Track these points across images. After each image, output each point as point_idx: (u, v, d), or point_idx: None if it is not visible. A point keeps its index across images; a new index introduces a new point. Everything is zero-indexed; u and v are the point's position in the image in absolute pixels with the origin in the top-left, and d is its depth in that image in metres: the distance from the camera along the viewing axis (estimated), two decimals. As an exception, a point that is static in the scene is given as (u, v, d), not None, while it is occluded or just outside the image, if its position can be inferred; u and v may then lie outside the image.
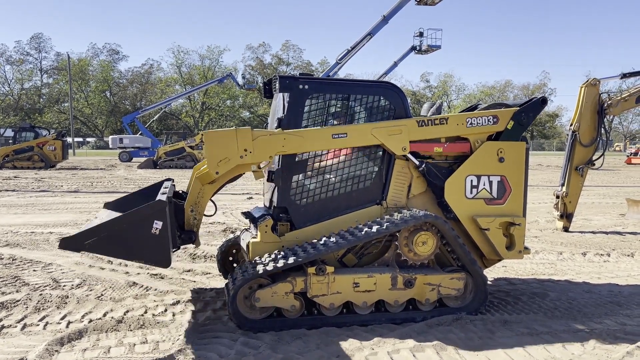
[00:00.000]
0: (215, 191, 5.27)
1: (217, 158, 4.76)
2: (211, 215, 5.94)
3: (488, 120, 5.21)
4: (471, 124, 5.17)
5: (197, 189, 5.13)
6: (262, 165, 4.90)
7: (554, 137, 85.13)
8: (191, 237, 5.12)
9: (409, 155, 5.08)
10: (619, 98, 9.60)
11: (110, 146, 44.46)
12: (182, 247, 5.24)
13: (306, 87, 4.90)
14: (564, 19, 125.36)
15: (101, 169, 30.46)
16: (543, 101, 5.34)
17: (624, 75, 10.48)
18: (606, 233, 9.95)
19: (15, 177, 23.17)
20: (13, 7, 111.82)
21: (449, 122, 5.15)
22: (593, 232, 9.99)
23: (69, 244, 4.29)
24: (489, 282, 5.58)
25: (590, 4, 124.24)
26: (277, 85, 4.92)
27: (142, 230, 4.31)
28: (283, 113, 4.93)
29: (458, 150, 5.21)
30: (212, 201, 5.47)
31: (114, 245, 4.33)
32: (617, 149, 78.58)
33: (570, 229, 10.02)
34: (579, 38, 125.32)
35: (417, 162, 5.09)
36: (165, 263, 4.42)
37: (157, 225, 4.35)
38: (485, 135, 5.23)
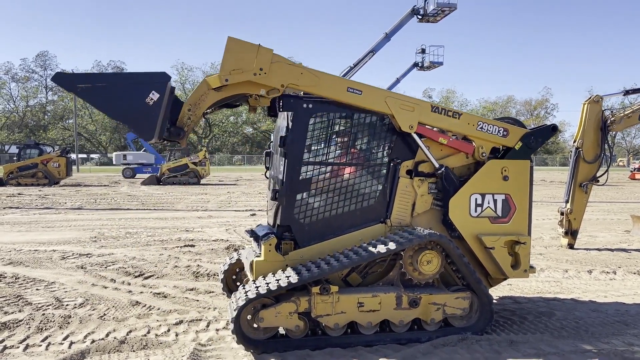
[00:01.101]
0: (216, 102, 4.99)
1: (232, 66, 4.68)
2: (206, 137, 5.65)
3: (498, 131, 5.21)
4: (481, 128, 5.16)
5: (202, 91, 4.88)
6: (269, 95, 4.82)
7: (557, 152, 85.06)
8: (179, 133, 4.87)
9: (414, 135, 5.05)
10: (622, 115, 9.60)
11: (114, 163, 44.65)
12: (167, 141, 5.00)
13: (310, 106, 4.92)
14: (565, 35, 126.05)
15: (104, 185, 30.53)
16: (554, 128, 5.40)
17: (627, 92, 10.49)
18: (612, 250, 9.88)
19: (19, 194, 23.23)
20: (19, 25, 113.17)
21: (461, 118, 5.15)
22: (598, 249, 9.93)
23: (63, 79, 4.26)
24: (494, 301, 5.53)
25: (591, 19, 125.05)
26: (281, 104, 4.95)
27: (138, 95, 4.26)
28: (287, 131, 4.94)
29: (460, 148, 5.19)
30: (205, 118, 5.31)
31: (106, 99, 4.28)
32: (621, 164, 78.37)
33: (575, 246, 9.95)
34: (580, 53, 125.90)
35: (437, 165, 5.08)
36: (148, 135, 4.37)
37: (154, 96, 4.31)
38: (490, 145, 5.22)
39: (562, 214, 9.93)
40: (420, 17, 28.20)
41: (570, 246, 9.91)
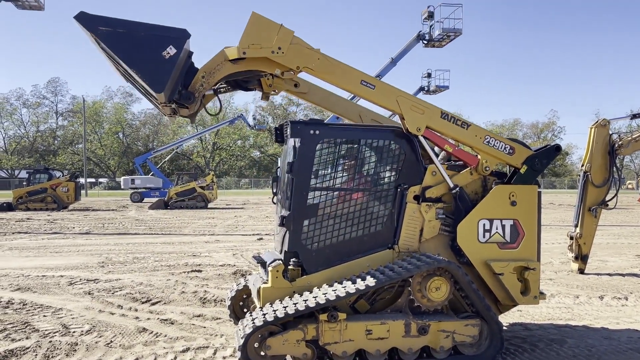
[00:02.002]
0: (230, 74, 4.98)
1: (251, 41, 4.73)
2: (215, 114, 5.72)
3: (504, 148, 5.21)
4: (488, 142, 5.17)
5: (219, 61, 4.91)
6: (283, 76, 4.87)
7: (564, 175, 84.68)
8: (189, 97, 4.88)
9: (421, 138, 5.06)
10: (629, 138, 9.58)
11: (122, 187, 44.87)
12: (177, 108, 5.01)
13: (317, 132, 4.96)
14: (572, 57, 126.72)
15: (112, 210, 30.65)
16: (557, 149, 5.36)
17: (634, 116, 10.50)
18: (623, 275, 9.74)
19: (28, 218, 23.37)
20: (32, 52, 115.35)
21: (469, 129, 5.16)
22: (609, 274, 9.80)
23: (85, 19, 4.28)
24: (504, 328, 5.46)
25: (598, 42, 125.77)
26: (288, 130, 4.99)
27: (155, 46, 4.30)
28: (294, 157, 4.97)
29: (464, 158, 5.18)
30: (217, 97, 5.38)
31: (124, 45, 4.31)
32: (630, 187, 77.81)
33: (585, 271, 9.83)
34: (587, 76, 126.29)
35: (452, 185, 5.08)
36: (159, 87, 4.39)
37: (170, 51, 4.36)
38: (495, 161, 5.22)
39: (571, 238, 9.84)
40: (425, 42, 28.43)
41: (581, 271, 9.79)
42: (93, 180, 76.89)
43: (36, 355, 5.19)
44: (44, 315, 6.69)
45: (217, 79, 4.99)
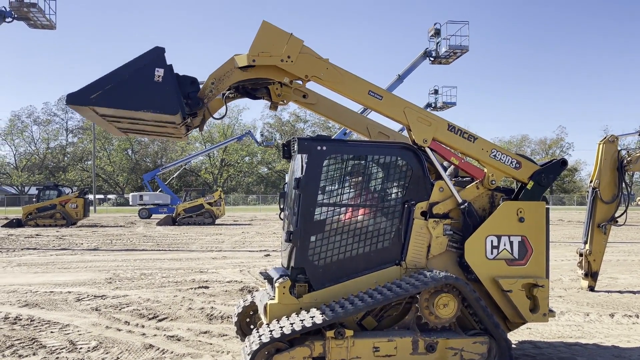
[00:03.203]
0: (239, 81, 5.04)
1: (261, 48, 4.79)
2: (220, 118, 5.74)
3: (511, 162, 5.20)
4: (494, 156, 5.17)
5: (228, 68, 4.98)
6: (292, 85, 4.95)
7: (573, 191, 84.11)
8: (198, 103, 4.91)
9: (427, 150, 5.06)
10: (638, 154, 9.54)
11: (131, 203, 45.06)
12: (190, 119, 5.03)
13: (324, 148, 4.98)
14: (580, 74, 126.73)
15: (121, 226, 30.77)
16: (563, 163, 5.34)
17: (643, 132, 10.44)
18: (634, 292, 9.62)
19: (37, 235, 23.50)
20: (43, 69, 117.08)
21: (476, 142, 5.16)
22: (620, 292, 9.68)
23: (75, 98, 4.33)
24: (513, 346, 5.39)
25: (606, 58, 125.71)
26: (295, 146, 5.01)
27: (145, 78, 4.32)
28: (302, 173, 4.98)
29: (470, 171, 5.18)
30: (225, 104, 5.43)
31: (120, 97, 4.34)
32: (640, 203, 77.06)
33: (595, 288, 9.72)
34: (595, 92, 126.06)
35: (460, 200, 5.07)
36: (173, 109, 4.40)
37: (159, 72, 4.38)
38: (501, 175, 5.20)
39: (581, 255, 9.75)
40: (432, 59, 28.60)
41: (591, 288, 9.68)
42: (102, 196, 77.32)
43: (43, 371, 5.19)
44: (52, 332, 6.70)
45: (227, 86, 5.08)
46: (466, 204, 5.07)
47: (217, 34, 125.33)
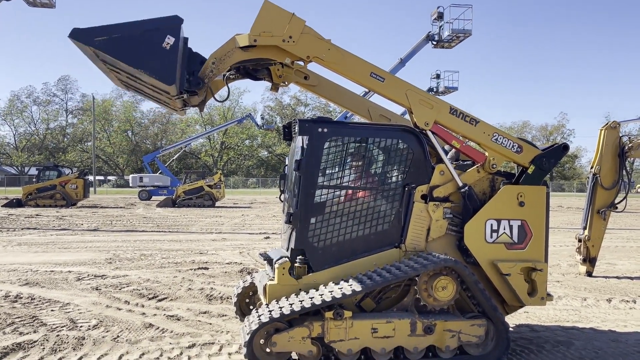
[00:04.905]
0: (240, 61, 5.00)
1: (263, 28, 4.75)
2: (222, 101, 5.69)
3: (512, 146, 5.19)
4: (496, 139, 5.15)
5: (230, 47, 4.94)
6: (293, 65, 4.91)
7: (573, 178, 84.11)
8: (199, 83, 4.90)
9: (429, 133, 5.05)
10: (639, 141, 9.51)
11: (131, 185, 45.11)
12: (187, 95, 4.98)
13: (325, 130, 4.96)
14: (582, 61, 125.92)
15: (121, 207, 30.83)
16: (565, 148, 5.32)
17: (645, 118, 10.40)
18: (631, 278, 9.67)
19: (37, 215, 23.55)
20: (42, 50, 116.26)
21: (478, 126, 5.14)
22: (618, 277, 9.73)
23: (79, 35, 4.29)
24: (510, 329, 5.43)
25: (608, 45, 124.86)
26: (296, 128, 4.99)
27: (154, 41, 4.30)
28: (302, 155, 4.97)
29: (472, 155, 5.17)
30: (227, 85, 5.32)
31: (123, 49, 4.31)
32: (640, 190, 77.18)
33: (593, 274, 9.76)
34: (597, 79, 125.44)
35: (461, 183, 5.07)
36: (169, 79, 4.38)
37: (169, 40, 4.36)
38: (502, 159, 5.19)
39: (579, 240, 9.78)
40: (435, 43, 28.38)
41: (589, 274, 9.73)
42: (102, 177, 77.37)
43: (43, 348, 5.23)
44: (52, 310, 6.74)
45: (228, 66, 5.01)
46: (466, 188, 5.07)
47: (220, 14, 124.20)
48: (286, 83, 5.47)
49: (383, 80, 5.00)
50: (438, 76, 33.42)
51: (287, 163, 6.05)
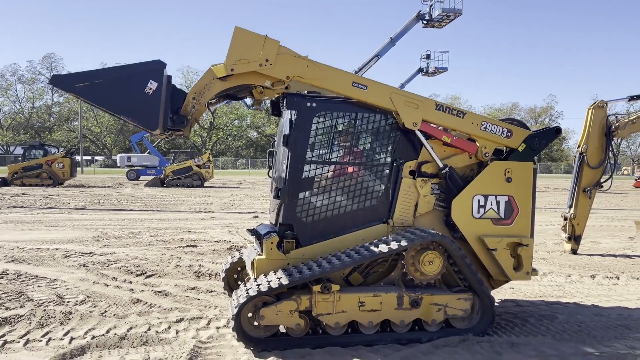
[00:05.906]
0: (221, 91, 4.98)
1: (238, 56, 4.70)
2: (206, 129, 5.64)
3: (502, 132, 5.20)
4: (485, 128, 5.16)
5: (207, 80, 4.91)
6: (274, 87, 4.85)
7: (561, 159, 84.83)
8: (183, 121, 4.87)
9: (418, 132, 5.05)
10: (626, 120, 9.58)
11: (119, 164, 44.68)
12: (170, 132, 5.00)
13: (314, 105, 4.93)
14: (570, 43, 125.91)
15: (109, 187, 30.59)
16: (557, 131, 5.37)
17: (632, 98, 10.42)
18: (615, 256, 9.83)
19: (24, 194, 23.31)
20: (26, 27, 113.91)
21: (465, 117, 5.14)
22: (602, 255, 9.88)
23: (60, 82, 4.29)
24: (496, 304, 5.51)
25: (596, 26, 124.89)
26: (284, 102, 4.95)
27: (136, 86, 4.28)
28: (290, 130, 4.94)
29: (463, 147, 5.18)
30: (210, 110, 5.30)
31: (105, 95, 4.29)
32: (626, 172, 78.15)
33: (578, 252, 9.91)
34: (586, 61, 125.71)
35: (441, 165, 5.08)
36: (153, 125, 4.37)
37: (152, 85, 4.34)
38: (494, 146, 5.22)
39: (565, 219, 9.90)
40: (425, 22, 28.16)
41: (574, 251, 9.86)
42: (89, 157, 76.57)
43: (30, 323, 5.22)
44: (39, 286, 6.71)
45: (208, 98, 4.97)
46: (447, 169, 5.08)
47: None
48: (268, 98, 5.43)
49: (366, 87, 4.94)
50: (428, 56, 33.24)
51: (275, 139, 6.01)
